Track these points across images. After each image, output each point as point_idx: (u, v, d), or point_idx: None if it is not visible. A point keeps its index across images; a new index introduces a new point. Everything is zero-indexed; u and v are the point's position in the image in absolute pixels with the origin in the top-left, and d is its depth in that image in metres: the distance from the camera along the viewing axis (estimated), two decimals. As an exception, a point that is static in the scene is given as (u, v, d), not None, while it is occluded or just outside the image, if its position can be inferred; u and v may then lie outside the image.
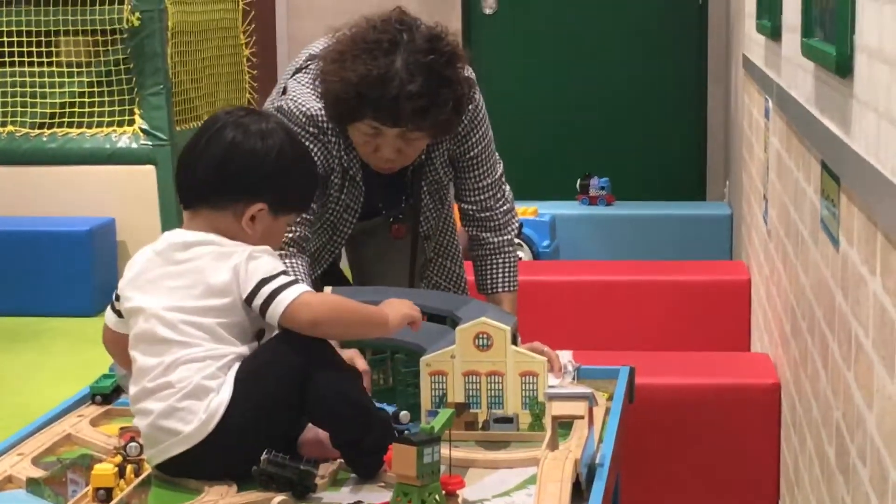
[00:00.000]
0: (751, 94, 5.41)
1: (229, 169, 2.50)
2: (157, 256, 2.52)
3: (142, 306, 2.47)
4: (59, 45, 7.42)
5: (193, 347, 2.38)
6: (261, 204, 2.48)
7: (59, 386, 5.66)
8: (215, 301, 2.41)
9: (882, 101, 2.27)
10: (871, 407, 2.37)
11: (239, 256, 2.42)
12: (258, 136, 2.50)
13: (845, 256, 2.70)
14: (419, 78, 2.89)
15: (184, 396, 2.35)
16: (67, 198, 7.30)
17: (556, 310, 5.27)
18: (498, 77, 8.20)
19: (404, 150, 3.01)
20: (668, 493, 4.17)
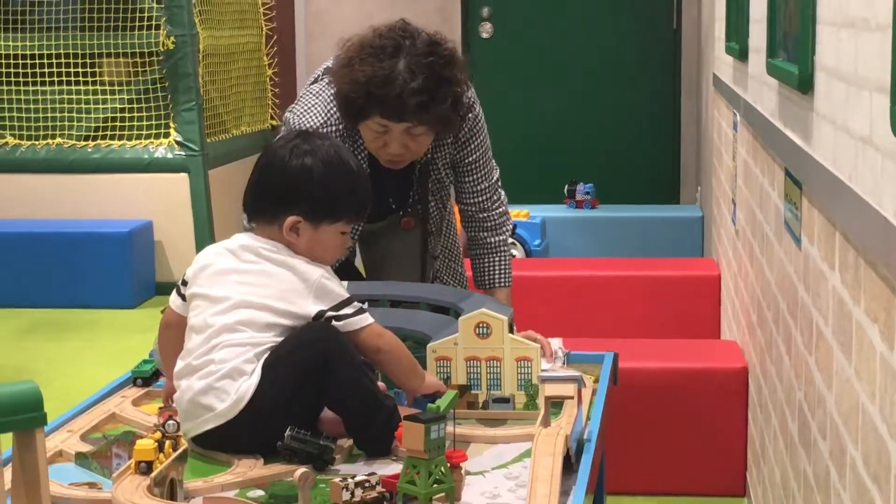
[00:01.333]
0: (720, 108, 5.41)
1: (262, 186, 2.53)
2: (230, 254, 2.50)
3: (206, 293, 2.46)
4: (101, 66, 7.41)
5: (238, 333, 2.38)
6: (296, 216, 2.48)
7: (103, 370, 5.66)
8: (281, 304, 2.41)
9: (839, 114, 2.27)
10: (831, 388, 2.36)
11: (313, 274, 2.44)
12: (288, 154, 2.51)
13: (807, 254, 2.69)
14: (420, 77, 2.91)
15: (221, 377, 2.35)
16: (110, 203, 7.30)
17: (547, 302, 5.27)
18: (494, 94, 8.19)
19: (410, 146, 3.02)
20: (646, 464, 4.17)
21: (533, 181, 8.23)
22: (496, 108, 7.82)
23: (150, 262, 7.25)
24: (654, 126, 8.45)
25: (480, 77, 8.13)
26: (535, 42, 8.47)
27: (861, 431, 2.06)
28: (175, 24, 7.21)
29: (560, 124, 8.50)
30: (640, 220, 7.03)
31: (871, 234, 1.93)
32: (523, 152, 8.39)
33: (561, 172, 7.98)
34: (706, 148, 6.71)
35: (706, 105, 6.75)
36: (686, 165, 8.33)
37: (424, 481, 2.10)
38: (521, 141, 8.41)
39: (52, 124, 7.39)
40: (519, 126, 8.43)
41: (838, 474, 2.27)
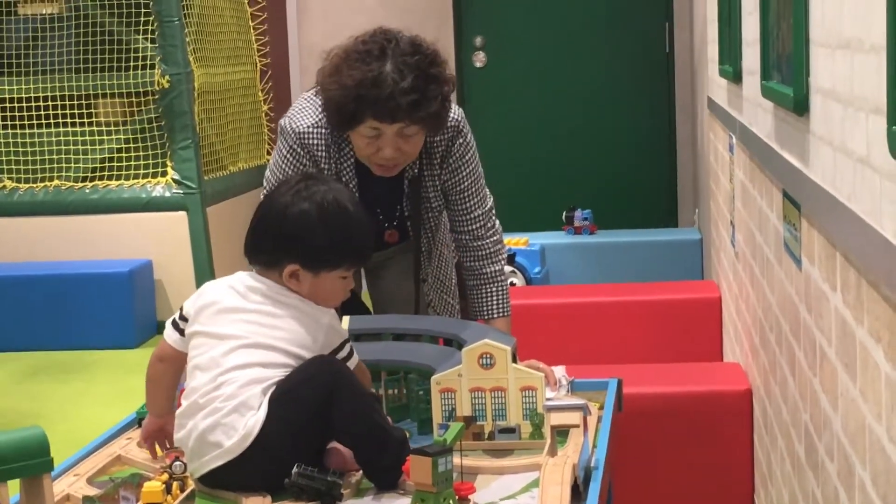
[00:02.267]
0: (716, 131, 5.42)
1: (261, 232, 2.54)
2: (235, 293, 2.49)
3: (212, 331, 2.45)
4: (97, 107, 7.43)
5: (245, 371, 2.38)
6: (293, 265, 2.48)
7: (106, 411, 5.65)
8: (293, 347, 2.42)
9: (836, 135, 2.28)
10: (837, 409, 2.36)
11: (322, 319, 2.48)
12: (288, 201, 2.51)
13: (807, 275, 2.69)
14: (409, 76, 2.92)
15: (228, 412, 2.34)
16: (109, 243, 7.30)
17: (549, 329, 5.26)
18: (489, 122, 8.21)
19: (403, 148, 3.02)
20: (654, 489, 4.16)
21: (531, 208, 8.24)
22: (491, 137, 7.85)
23: (150, 301, 7.24)
24: (650, 150, 8.47)
25: (475, 105, 8.17)
26: (529, 70, 8.49)
27: (869, 452, 2.05)
28: (170, 62, 7.23)
29: (556, 151, 8.51)
30: (639, 245, 7.04)
31: (871, 254, 1.93)
32: (520, 180, 8.40)
33: (558, 199, 7.99)
34: (703, 170, 6.72)
35: (701, 128, 6.76)
36: (683, 188, 8.34)
37: (433, 515, 2.09)
38: (518, 169, 8.42)
39: (50, 166, 7.40)
40: (515, 154, 8.44)
41: (847, 495, 2.27)
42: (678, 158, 8.35)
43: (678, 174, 8.37)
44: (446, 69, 3.05)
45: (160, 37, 7.22)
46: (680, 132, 8.32)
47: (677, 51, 8.27)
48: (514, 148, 8.44)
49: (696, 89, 7.44)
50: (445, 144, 3.17)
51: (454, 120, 3.14)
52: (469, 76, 8.43)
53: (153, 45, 7.25)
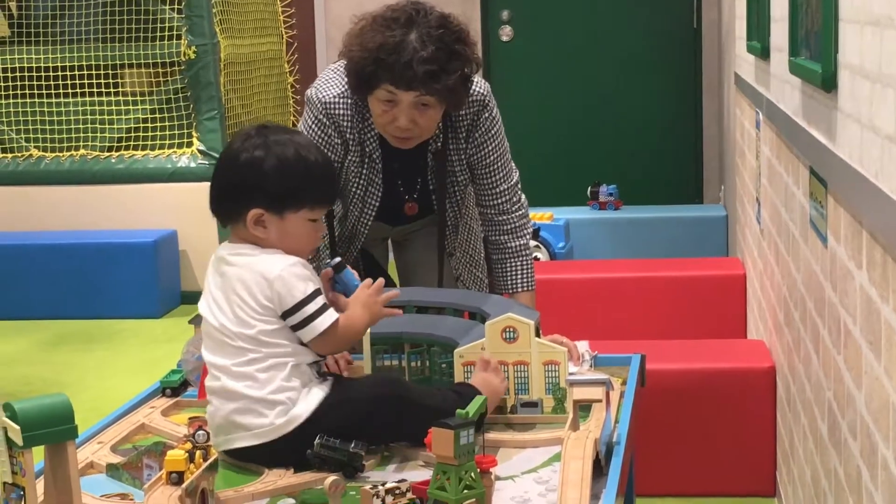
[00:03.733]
0: (742, 107, 5.39)
1: (221, 184, 2.50)
2: (212, 268, 2.50)
3: (200, 312, 2.48)
4: (123, 77, 7.44)
5: (251, 353, 2.37)
6: (257, 208, 2.44)
7: (131, 380, 5.68)
8: (255, 311, 2.39)
9: (864, 113, 2.26)
10: (860, 387, 2.35)
11: (272, 272, 2.39)
12: (239, 148, 2.47)
13: (833, 252, 2.68)
14: (431, 47, 2.93)
15: (258, 400, 2.35)
16: (134, 213, 7.32)
17: (573, 304, 5.26)
18: (515, 96, 8.19)
19: (418, 121, 3.02)
20: (675, 465, 4.16)
21: (556, 183, 8.22)
22: (517, 111, 7.83)
23: (175, 271, 7.27)
24: (676, 126, 8.44)
25: (501, 80, 8.15)
26: (555, 44, 8.46)
27: (892, 430, 2.05)
28: (196, 33, 7.24)
29: (582, 126, 8.49)
30: (664, 221, 7.02)
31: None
32: (545, 154, 8.39)
33: (584, 174, 7.98)
34: (729, 147, 6.69)
35: (728, 104, 6.74)
36: (709, 165, 8.31)
37: (455, 487, 2.10)
38: (543, 143, 8.41)
39: (76, 136, 7.42)
40: (540, 128, 8.42)
41: (870, 474, 2.26)
42: (704, 134, 8.32)
43: (704, 150, 8.34)
44: (473, 50, 3.04)
45: (187, 7, 7.23)
46: (706, 108, 8.28)
47: (705, 26, 8.22)
48: (539, 122, 8.42)
49: (723, 65, 7.40)
50: (471, 118, 3.17)
51: (480, 94, 3.14)
52: (495, 50, 8.41)
53: (180, 15, 7.26)
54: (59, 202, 7.37)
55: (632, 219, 7.04)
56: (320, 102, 3.11)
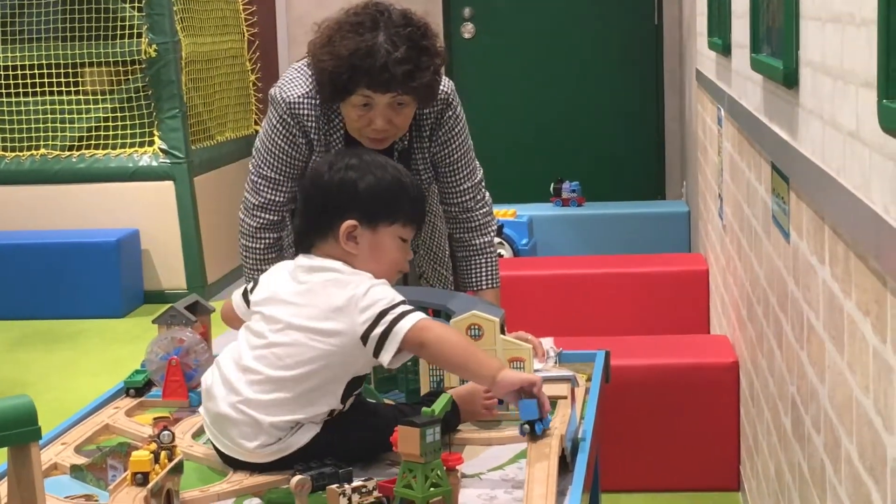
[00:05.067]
0: (704, 103, 5.42)
1: (310, 201, 2.48)
2: (289, 275, 2.45)
3: (263, 311, 2.42)
4: (83, 76, 7.40)
5: (284, 373, 2.33)
6: (350, 220, 2.43)
7: (93, 380, 5.66)
8: (327, 324, 2.33)
9: (826, 109, 2.28)
10: (824, 381, 2.37)
11: (356, 288, 2.35)
12: (326, 168, 2.48)
13: (796, 248, 2.70)
14: (402, 47, 2.92)
15: (255, 423, 2.32)
16: (96, 212, 7.29)
17: (537, 301, 5.27)
18: (478, 94, 8.20)
19: (394, 120, 3.01)
20: (641, 461, 4.18)
21: (519, 180, 8.24)
22: (480, 109, 7.84)
23: (137, 270, 7.23)
24: (638, 122, 8.47)
25: (463, 77, 8.16)
26: (517, 41, 8.48)
27: (855, 424, 2.06)
28: (157, 31, 7.20)
29: (544, 123, 8.51)
30: (626, 217, 7.05)
31: (860, 227, 1.93)
32: (508, 152, 8.40)
33: (546, 171, 7.99)
34: (691, 143, 6.72)
35: (689, 100, 6.76)
36: (671, 161, 8.34)
37: (421, 485, 2.09)
38: (506, 140, 8.42)
39: (36, 135, 7.37)
40: (503, 126, 8.43)
41: (833, 468, 2.28)
42: (666, 131, 8.36)
43: (666, 147, 8.37)
44: (437, 42, 3.05)
45: (147, 5, 7.19)
46: (668, 105, 8.32)
47: (666, 23, 8.26)
48: (502, 119, 8.44)
49: (684, 62, 7.43)
50: (435, 117, 3.17)
51: (444, 92, 3.14)
52: (457, 47, 8.41)
53: (140, 13, 7.22)
54: (20, 202, 7.32)
55: (595, 215, 7.06)
56: (285, 102, 3.10)
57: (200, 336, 2.83)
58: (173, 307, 2.85)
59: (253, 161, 3.18)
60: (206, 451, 2.46)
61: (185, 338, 2.80)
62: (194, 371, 2.79)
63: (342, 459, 2.26)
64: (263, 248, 3.18)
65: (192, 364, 2.80)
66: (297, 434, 2.33)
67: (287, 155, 3.12)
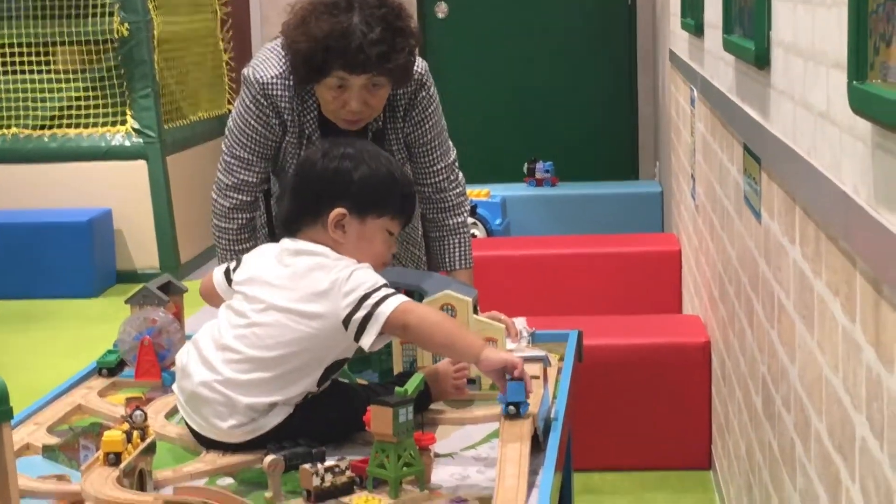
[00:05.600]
0: (677, 84, 5.43)
1: (301, 187, 2.49)
2: (274, 257, 2.44)
3: (246, 292, 2.41)
4: (55, 55, 7.35)
5: (266, 354, 2.33)
6: (340, 208, 2.44)
7: (66, 361, 5.64)
8: (310, 307, 2.33)
9: (797, 90, 2.29)
10: (794, 361, 2.38)
11: (339, 272, 2.35)
12: (321, 155, 2.49)
13: (767, 228, 2.71)
14: (377, 28, 2.92)
15: (230, 403, 2.32)
16: (68, 191, 7.26)
17: (510, 281, 5.28)
18: (451, 74, 8.19)
19: (369, 101, 3.01)
20: (613, 440, 4.20)
21: (492, 160, 8.24)
22: (453, 89, 7.83)
23: (110, 250, 7.21)
24: (612, 103, 8.48)
25: (437, 57, 8.14)
26: (491, 21, 8.47)
27: (825, 403, 2.08)
28: (129, 10, 7.17)
29: (518, 103, 8.51)
30: (600, 197, 7.06)
31: (830, 208, 1.94)
32: (482, 132, 8.40)
33: (520, 151, 8.00)
34: (664, 123, 6.73)
35: (663, 81, 6.77)
36: (644, 141, 8.36)
37: (394, 465, 2.10)
38: (480, 120, 8.42)
39: (7, 114, 7.33)
40: (476, 106, 8.43)
41: (803, 446, 2.29)
42: (639, 111, 8.37)
43: (639, 127, 8.39)
44: (412, 23, 3.05)
45: (119, -16, 7.16)
46: (641, 85, 8.33)
47: (639, 3, 8.26)
48: (475, 99, 8.43)
49: (657, 42, 7.44)
50: (409, 97, 3.17)
51: (417, 73, 3.13)
52: (431, 27, 8.40)
53: (112, -8, 7.18)
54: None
55: (568, 195, 7.07)
56: (258, 83, 3.09)
57: (173, 316, 2.83)
58: (146, 287, 2.85)
59: (226, 141, 3.18)
60: (179, 431, 2.46)
61: (158, 318, 2.80)
62: (167, 351, 2.79)
63: (315, 439, 2.27)
64: (236, 229, 3.17)
65: (165, 344, 2.80)
66: (270, 415, 2.33)
67: (260, 136, 3.11)
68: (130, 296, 2.85)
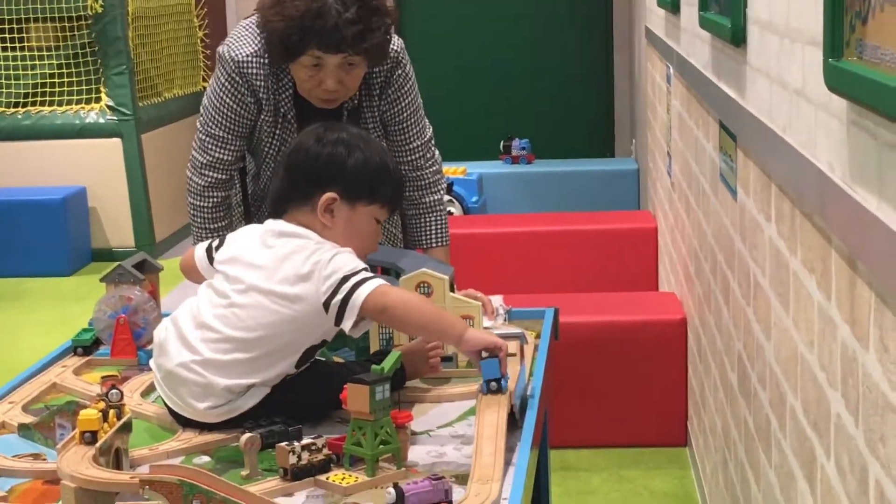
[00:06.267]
0: (653, 61, 5.43)
1: (294, 170, 2.49)
2: (258, 238, 2.43)
3: (227, 272, 2.40)
4: (29, 31, 7.31)
5: (248, 335, 2.32)
6: (331, 193, 2.43)
7: (41, 339, 5.62)
8: (291, 289, 2.32)
9: (773, 67, 2.29)
10: (770, 338, 2.39)
11: (321, 255, 2.34)
12: (319, 137, 2.49)
13: (743, 205, 2.72)
14: (352, 7, 2.92)
15: (207, 385, 2.31)
16: (42, 169, 7.23)
17: (487, 259, 5.29)
18: (427, 52, 8.18)
19: (345, 80, 3.01)
20: (589, 417, 4.21)
21: (468, 138, 8.23)
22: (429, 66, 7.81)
23: (85, 228, 7.19)
24: (588, 80, 8.48)
25: (413, 35, 8.13)
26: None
27: (800, 380, 2.09)
28: (103, -14, 7.13)
29: (494, 80, 8.50)
30: (576, 174, 7.06)
31: (806, 185, 1.95)
32: (458, 109, 8.39)
33: (496, 128, 7.99)
34: (640, 101, 6.74)
35: (639, 58, 6.78)
36: (620, 119, 8.36)
37: (370, 442, 2.10)
38: (456, 98, 8.41)
39: (-19, 91, 7.30)
40: (453, 83, 8.42)
41: (778, 423, 2.31)
42: (615, 88, 8.37)
43: (615, 104, 8.39)
44: (387, 1, 3.04)
45: (93, -40, 7.12)
46: (618, 62, 8.33)
47: (616, -20, 8.26)
48: (451, 77, 8.42)
49: (633, 19, 7.44)
50: (385, 75, 3.16)
51: (393, 51, 3.13)
52: (407, 5, 8.37)
53: (86, -32, 7.14)
54: (-35, 159, 7.25)
55: (544, 173, 7.07)
56: (233, 61, 3.08)
57: (149, 294, 2.82)
58: (121, 265, 2.84)
59: (200, 119, 3.16)
60: (155, 410, 2.45)
61: (134, 296, 2.79)
62: (142, 329, 2.78)
63: (291, 417, 2.27)
64: (211, 207, 3.16)
65: (141, 322, 2.79)
66: (247, 396, 2.33)
67: (235, 114, 3.10)
68: (105, 274, 2.84)
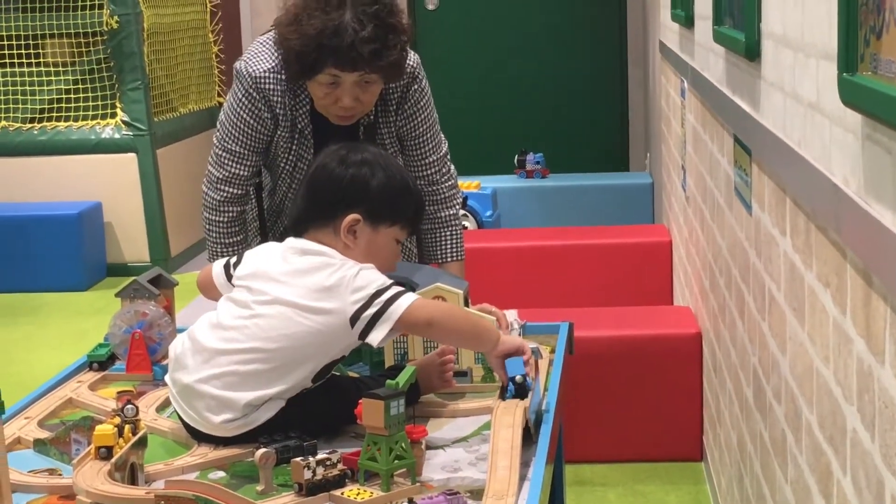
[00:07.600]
0: (668, 75, 5.43)
1: (317, 190, 2.50)
2: (279, 254, 2.44)
3: (250, 285, 2.40)
4: (45, 48, 7.34)
5: (264, 349, 2.32)
6: (355, 214, 2.44)
7: (56, 354, 5.63)
8: (317, 303, 2.32)
9: (787, 81, 2.29)
10: (785, 352, 2.39)
11: (346, 270, 2.35)
12: (342, 158, 2.50)
13: (757, 220, 2.72)
14: (369, 25, 2.93)
15: (225, 398, 2.31)
16: (58, 185, 7.24)
17: (501, 273, 5.29)
18: (442, 66, 8.19)
19: (361, 98, 3.02)
20: (604, 431, 4.20)
21: (483, 152, 8.24)
22: (444, 81, 7.83)
23: (100, 243, 7.20)
24: (603, 94, 8.48)
25: (427, 49, 8.14)
26: (481, 13, 8.47)
27: (816, 395, 2.08)
28: (118, 3, 7.15)
29: (508, 95, 8.51)
30: (590, 189, 7.05)
31: (821, 199, 1.95)
32: (472, 123, 8.40)
33: (511, 142, 8.00)
34: (654, 115, 6.73)
35: (653, 72, 6.77)
36: (634, 133, 8.36)
37: (385, 457, 2.10)
38: (470, 112, 8.41)
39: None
40: (467, 97, 8.43)
41: (794, 438, 2.30)
42: (630, 103, 8.37)
43: (630, 118, 8.39)
44: (403, 19, 3.05)
45: (108, -24, 7.14)
46: (632, 76, 8.33)
47: (630, -6, 8.26)
48: (466, 91, 8.43)
49: (648, 34, 7.44)
50: (401, 91, 3.17)
51: (409, 66, 3.13)
52: (421, 19, 8.39)
53: (102, -16, 7.17)
54: (-19, 175, 7.27)
55: (559, 187, 7.07)
56: (250, 77, 3.09)
57: (164, 309, 2.83)
58: (136, 280, 2.84)
59: (217, 134, 3.17)
60: (170, 425, 2.46)
61: (149, 311, 2.80)
62: (158, 344, 2.79)
63: (306, 432, 2.27)
64: (227, 222, 3.17)
65: (156, 337, 2.80)
66: (262, 409, 2.33)
67: (252, 129, 3.11)
68: (121, 289, 2.85)
